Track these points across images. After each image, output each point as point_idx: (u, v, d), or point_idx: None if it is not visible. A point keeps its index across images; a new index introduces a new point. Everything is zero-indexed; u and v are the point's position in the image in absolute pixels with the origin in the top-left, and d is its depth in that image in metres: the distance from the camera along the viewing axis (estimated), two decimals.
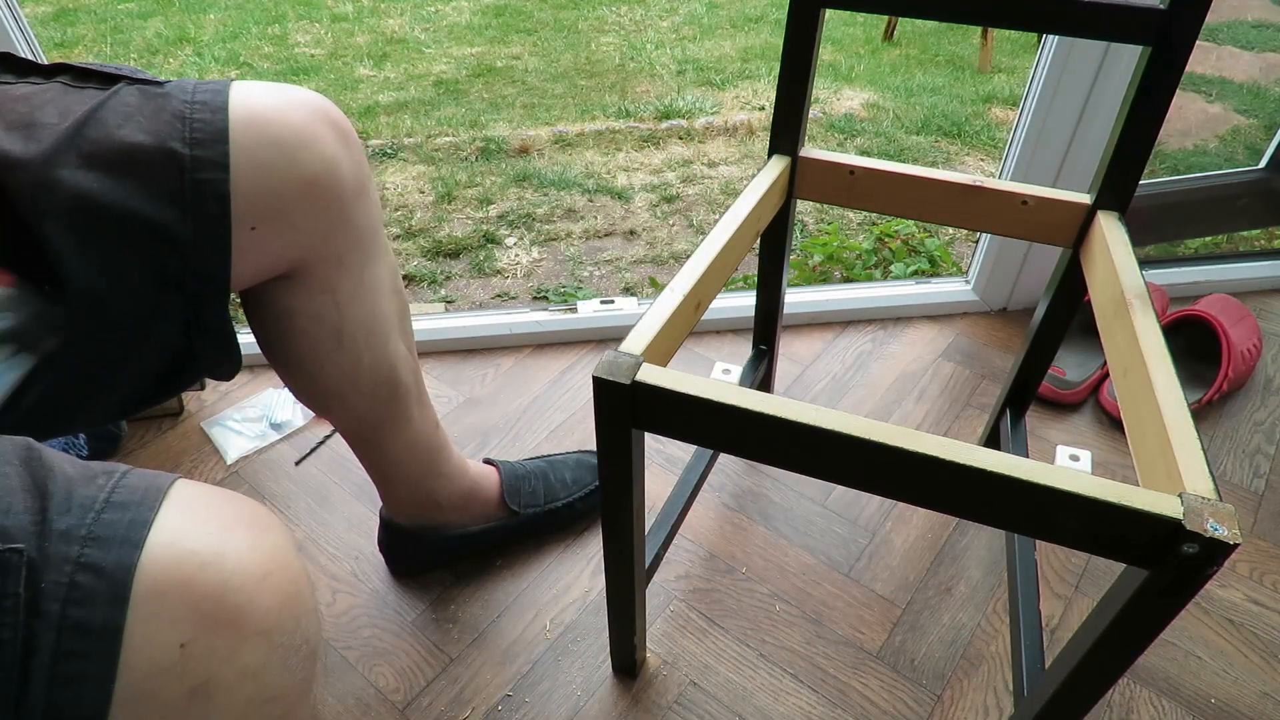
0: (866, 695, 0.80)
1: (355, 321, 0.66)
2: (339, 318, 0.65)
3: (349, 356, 0.67)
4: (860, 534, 0.96)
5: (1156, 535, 0.43)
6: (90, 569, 0.35)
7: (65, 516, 0.36)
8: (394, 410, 0.74)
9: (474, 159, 2.43)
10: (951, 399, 1.14)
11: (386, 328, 0.70)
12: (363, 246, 0.64)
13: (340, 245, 0.62)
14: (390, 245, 0.70)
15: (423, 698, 0.80)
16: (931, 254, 1.68)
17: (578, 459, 0.98)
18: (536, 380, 1.18)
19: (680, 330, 0.62)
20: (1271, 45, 2.11)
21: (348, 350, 0.67)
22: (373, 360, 0.69)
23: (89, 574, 0.35)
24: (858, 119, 2.75)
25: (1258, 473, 1.04)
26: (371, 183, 0.64)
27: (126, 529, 0.36)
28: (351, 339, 0.67)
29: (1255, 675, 0.82)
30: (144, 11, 4.09)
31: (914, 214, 0.80)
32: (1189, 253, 1.53)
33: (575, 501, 0.94)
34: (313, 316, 0.64)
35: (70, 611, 0.34)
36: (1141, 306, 0.59)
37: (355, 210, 0.61)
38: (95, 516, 0.36)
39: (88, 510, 0.37)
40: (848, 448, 0.48)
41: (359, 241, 0.63)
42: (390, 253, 0.70)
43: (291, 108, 0.55)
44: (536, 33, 3.78)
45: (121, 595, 0.35)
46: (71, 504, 0.37)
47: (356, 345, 0.67)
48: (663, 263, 1.88)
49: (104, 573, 0.35)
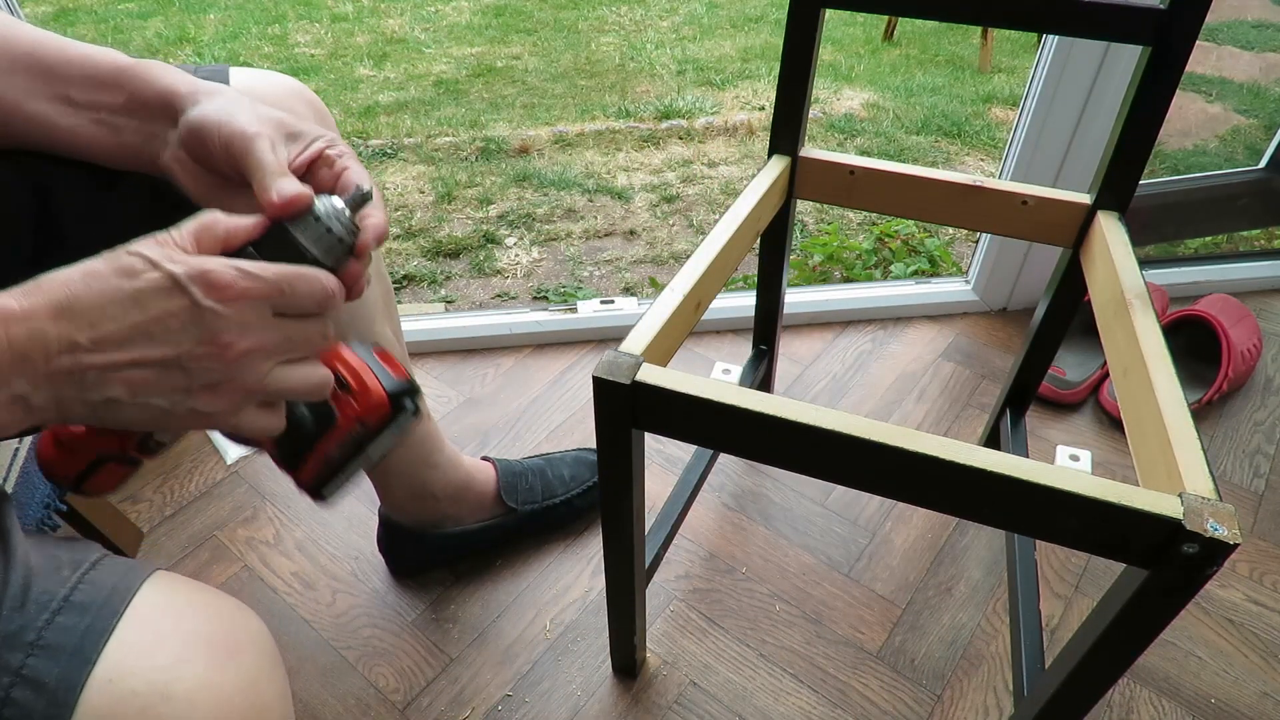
0: (866, 695, 0.80)
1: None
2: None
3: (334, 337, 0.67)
4: (860, 534, 0.96)
5: (1156, 535, 0.43)
6: (31, 683, 0.32)
7: (17, 615, 0.33)
8: None
9: (474, 159, 2.43)
10: (951, 399, 1.14)
11: (371, 310, 0.70)
12: None
13: None
14: None
15: (423, 698, 0.80)
16: (931, 254, 1.68)
17: (575, 456, 0.98)
18: (536, 380, 1.18)
19: (680, 330, 0.62)
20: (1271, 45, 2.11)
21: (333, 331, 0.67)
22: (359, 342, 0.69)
23: (28, 689, 0.32)
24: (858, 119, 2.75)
25: (1258, 473, 1.04)
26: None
27: (80, 638, 0.33)
28: (335, 319, 0.67)
29: (1255, 675, 0.82)
30: (144, 11, 4.09)
31: (914, 214, 0.80)
32: (1189, 253, 1.53)
33: (574, 498, 0.94)
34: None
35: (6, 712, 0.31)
36: (1141, 306, 0.59)
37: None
38: (49, 619, 0.33)
39: (43, 610, 0.34)
40: (848, 448, 0.48)
41: None
42: None
43: (268, 83, 0.57)
44: (536, 33, 3.78)
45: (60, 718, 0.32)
46: (27, 600, 0.34)
47: (340, 326, 0.67)
48: (663, 263, 1.88)
49: (45, 689, 0.32)
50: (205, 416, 0.38)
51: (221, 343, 0.37)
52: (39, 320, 0.34)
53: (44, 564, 0.36)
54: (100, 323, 0.35)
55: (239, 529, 0.96)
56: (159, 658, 0.34)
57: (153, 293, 0.36)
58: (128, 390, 0.36)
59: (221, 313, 0.36)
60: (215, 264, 0.37)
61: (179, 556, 0.93)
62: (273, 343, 0.39)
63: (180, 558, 0.93)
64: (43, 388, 0.34)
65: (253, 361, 0.38)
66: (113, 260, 0.36)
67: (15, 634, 0.33)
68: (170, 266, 0.36)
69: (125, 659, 0.34)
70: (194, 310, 0.36)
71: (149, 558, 0.94)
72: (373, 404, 0.52)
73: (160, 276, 0.36)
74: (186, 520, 0.97)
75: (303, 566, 0.92)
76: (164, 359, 0.36)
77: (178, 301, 0.36)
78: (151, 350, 0.36)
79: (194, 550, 0.94)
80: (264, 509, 0.98)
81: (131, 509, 0.98)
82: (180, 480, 1.02)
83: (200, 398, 0.38)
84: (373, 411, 0.52)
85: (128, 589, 0.36)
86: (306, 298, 0.40)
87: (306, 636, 0.85)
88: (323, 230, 0.42)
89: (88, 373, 0.35)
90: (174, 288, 0.36)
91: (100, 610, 0.35)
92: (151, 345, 0.36)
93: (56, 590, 0.34)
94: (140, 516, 0.97)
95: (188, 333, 0.36)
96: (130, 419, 0.38)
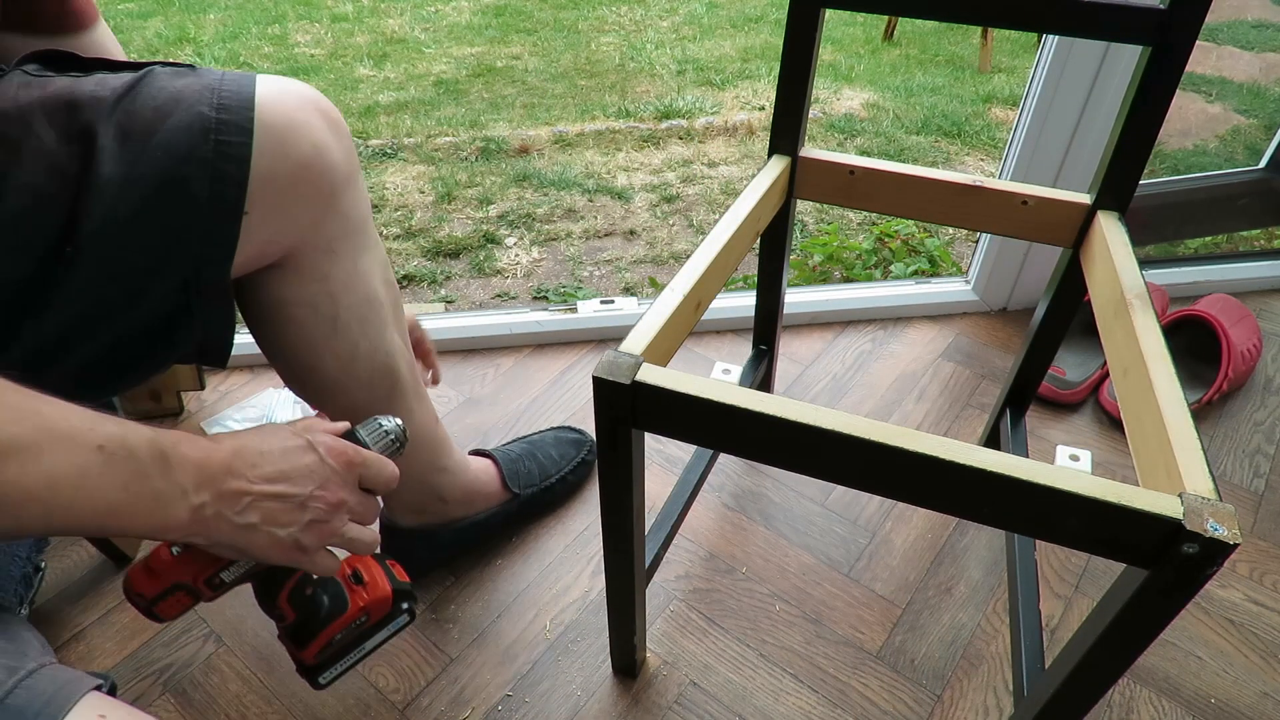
0: (866, 695, 0.80)
1: (349, 310, 0.67)
2: (333, 305, 0.66)
3: (345, 345, 0.68)
4: (860, 534, 0.96)
5: (1157, 535, 0.43)
6: None
7: None
8: (393, 403, 0.74)
9: (474, 159, 2.43)
10: (951, 399, 1.14)
11: (381, 316, 0.70)
12: (353, 235, 0.65)
13: (331, 232, 0.63)
14: (380, 239, 0.71)
15: (423, 698, 0.80)
16: (931, 254, 1.68)
17: (555, 435, 1.01)
18: (536, 380, 1.18)
19: (680, 330, 0.62)
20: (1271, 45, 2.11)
21: (343, 338, 0.67)
22: (369, 349, 0.69)
23: None
24: (858, 119, 2.75)
25: (1258, 473, 1.04)
26: (360, 174, 0.65)
27: None
28: (346, 327, 0.67)
29: (1255, 675, 0.82)
30: (144, 11, 4.09)
31: (914, 214, 0.80)
32: (1189, 253, 1.53)
33: (567, 475, 0.98)
34: (307, 305, 0.65)
35: None
36: (1141, 306, 0.59)
37: (345, 197, 0.62)
38: None
39: None
40: (848, 448, 0.48)
41: (350, 230, 0.64)
42: (381, 246, 0.71)
43: (284, 95, 0.57)
44: (536, 33, 3.79)
45: None
46: None
47: (351, 333, 0.68)
48: (663, 263, 1.88)
49: None
50: (301, 551, 0.52)
51: (329, 492, 0.53)
52: (225, 453, 0.49)
53: None
54: (260, 464, 0.50)
55: None
56: None
57: (297, 450, 0.52)
58: (263, 517, 0.50)
59: (335, 470, 0.53)
60: (332, 439, 0.54)
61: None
62: (354, 502, 0.55)
63: None
64: (213, 504, 0.47)
65: (342, 511, 0.54)
66: (274, 427, 0.54)
67: None
68: (308, 436, 0.54)
69: None
70: (320, 464, 0.53)
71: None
72: (378, 597, 0.63)
73: (303, 443, 0.53)
74: None
75: None
76: (294, 495, 0.51)
77: (311, 458, 0.52)
78: (288, 488, 0.51)
79: None
80: None
81: None
82: None
83: (305, 532, 0.52)
84: (377, 605, 0.63)
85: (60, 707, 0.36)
86: (380, 477, 0.57)
87: None
88: (382, 434, 0.59)
89: (244, 497, 0.49)
90: (310, 449, 0.53)
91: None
92: (289, 485, 0.51)
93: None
94: None
95: (312, 479, 0.52)
96: (256, 544, 0.50)
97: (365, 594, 0.62)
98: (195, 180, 0.52)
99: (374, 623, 0.63)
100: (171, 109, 0.52)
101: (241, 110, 0.54)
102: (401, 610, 0.64)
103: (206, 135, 0.53)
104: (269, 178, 0.55)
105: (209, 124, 0.53)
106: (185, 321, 0.56)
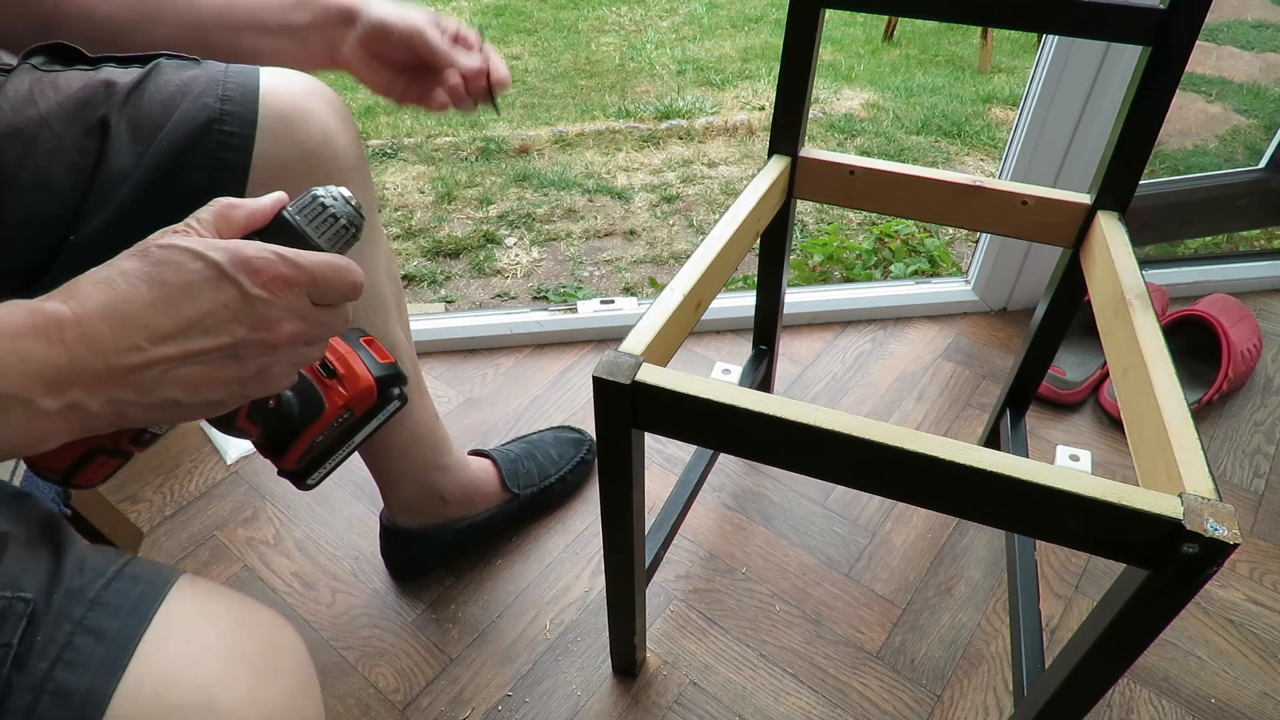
0: (866, 695, 0.80)
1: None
2: None
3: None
4: (860, 534, 0.96)
5: (1156, 535, 0.43)
6: (92, 633, 0.33)
7: (78, 576, 0.34)
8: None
9: (474, 159, 2.43)
10: (951, 399, 1.14)
11: (386, 308, 0.71)
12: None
13: None
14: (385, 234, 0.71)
15: (423, 698, 0.80)
16: (931, 254, 1.68)
17: (554, 435, 1.01)
18: (536, 380, 1.18)
19: (680, 330, 0.62)
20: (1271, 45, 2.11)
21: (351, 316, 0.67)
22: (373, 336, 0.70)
23: (90, 637, 0.32)
24: (858, 119, 2.75)
25: (1258, 473, 1.04)
26: (366, 165, 0.65)
27: (137, 601, 0.34)
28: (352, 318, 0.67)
29: (1255, 675, 0.82)
30: None
31: (914, 214, 0.80)
32: (1189, 253, 1.53)
33: (566, 475, 0.98)
34: None
35: (58, 674, 0.31)
36: (1141, 306, 0.59)
37: (352, 185, 0.63)
38: (106, 583, 0.34)
39: (100, 574, 0.35)
40: (848, 448, 0.48)
41: None
42: (386, 240, 0.71)
43: (291, 85, 0.58)
44: (536, 33, 3.78)
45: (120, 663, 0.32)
46: (85, 566, 0.35)
47: (356, 323, 0.68)
48: (663, 263, 1.88)
49: (105, 638, 0.33)
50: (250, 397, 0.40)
51: (271, 329, 0.38)
52: (92, 324, 0.33)
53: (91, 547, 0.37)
54: (154, 321, 0.35)
55: (239, 529, 0.96)
56: (205, 666, 0.34)
57: (201, 284, 0.35)
58: (187, 389, 0.36)
59: (269, 300, 0.37)
60: (254, 250, 0.37)
61: (179, 557, 0.93)
62: (306, 328, 0.40)
63: (180, 558, 0.93)
64: (100, 394, 0.34)
65: (295, 347, 0.39)
66: (146, 256, 0.35)
67: (79, 590, 0.33)
68: (213, 255, 0.36)
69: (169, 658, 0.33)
70: (243, 298, 0.36)
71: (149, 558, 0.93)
72: (360, 391, 0.52)
73: (204, 267, 0.35)
74: (186, 520, 0.97)
75: (303, 566, 0.92)
76: (218, 349, 0.36)
77: (227, 291, 0.36)
78: (206, 342, 0.36)
79: (194, 550, 0.94)
80: (264, 509, 0.98)
81: (131, 509, 0.98)
82: (180, 480, 1.02)
83: (251, 385, 0.39)
84: (360, 398, 0.52)
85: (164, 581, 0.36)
86: (337, 288, 0.40)
87: (306, 636, 0.85)
88: (327, 217, 0.42)
89: (146, 372, 0.35)
90: (221, 277, 0.36)
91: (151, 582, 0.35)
92: (206, 337, 0.36)
93: (108, 566, 0.35)
94: (140, 517, 0.97)
95: (239, 321, 0.36)
96: (189, 417, 0.38)
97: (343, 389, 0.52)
98: (197, 170, 0.53)
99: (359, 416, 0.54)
100: (178, 101, 0.53)
101: (246, 101, 0.54)
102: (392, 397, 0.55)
103: (210, 126, 0.53)
104: (278, 164, 0.56)
105: (213, 114, 0.53)
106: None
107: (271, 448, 0.51)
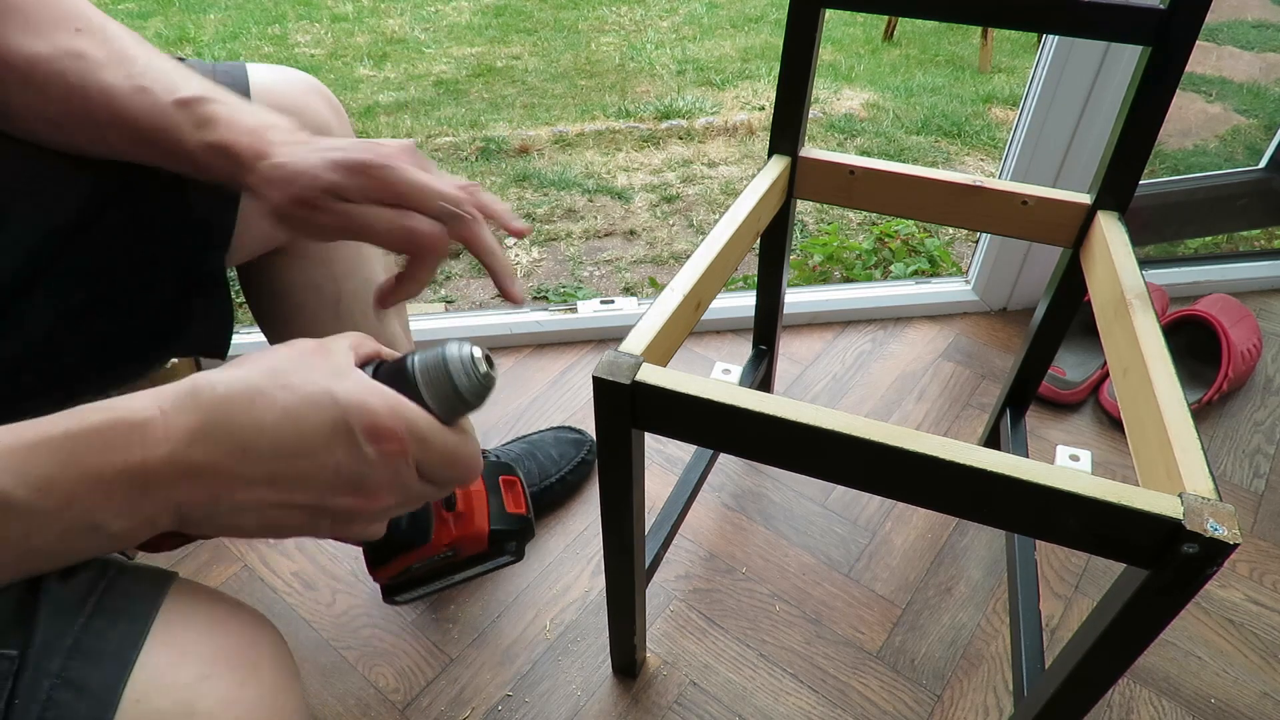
0: (866, 695, 0.80)
1: (352, 294, 0.67)
2: (336, 289, 0.66)
3: (347, 327, 0.68)
4: (860, 534, 0.96)
5: (1156, 535, 0.43)
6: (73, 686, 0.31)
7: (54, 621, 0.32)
8: None
9: (474, 159, 2.43)
10: (951, 399, 1.14)
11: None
12: None
13: None
14: None
15: (423, 698, 0.80)
16: (931, 254, 1.68)
17: (554, 435, 1.01)
18: (536, 380, 1.18)
19: (680, 330, 0.62)
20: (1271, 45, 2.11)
21: (345, 321, 0.68)
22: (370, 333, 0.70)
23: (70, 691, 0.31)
24: (858, 119, 2.75)
25: (1258, 473, 1.04)
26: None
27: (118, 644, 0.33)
28: (349, 310, 0.68)
29: (1255, 675, 0.82)
30: (144, 11, 4.09)
31: (914, 214, 0.80)
32: (1189, 253, 1.53)
33: (566, 475, 0.97)
34: (311, 288, 0.65)
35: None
36: (1141, 306, 0.59)
37: None
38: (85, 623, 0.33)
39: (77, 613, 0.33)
40: (848, 448, 0.48)
41: None
42: None
43: (284, 80, 0.58)
44: (536, 33, 3.78)
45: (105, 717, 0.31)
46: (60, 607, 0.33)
47: (354, 316, 0.68)
48: (663, 263, 1.88)
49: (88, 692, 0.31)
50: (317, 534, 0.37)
51: (368, 497, 0.35)
52: (180, 445, 0.32)
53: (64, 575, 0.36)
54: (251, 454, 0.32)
55: None
56: (185, 670, 0.34)
57: (317, 434, 0.33)
58: (259, 523, 0.35)
59: (378, 465, 0.34)
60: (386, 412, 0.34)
61: (179, 556, 0.93)
62: (407, 500, 0.37)
63: (180, 557, 0.93)
64: (172, 513, 0.33)
65: (378, 516, 0.37)
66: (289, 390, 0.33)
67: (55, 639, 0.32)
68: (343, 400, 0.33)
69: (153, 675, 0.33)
70: (355, 460, 0.33)
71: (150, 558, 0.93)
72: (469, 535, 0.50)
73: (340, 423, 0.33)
74: None
75: (303, 566, 0.92)
76: (308, 506, 0.34)
77: (341, 451, 0.33)
78: (298, 496, 0.34)
79: (194, 550, 0.94)
80: None
81: None
82: None
83: (325, 532, 0.37)
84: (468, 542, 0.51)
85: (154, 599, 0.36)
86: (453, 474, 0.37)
87: (306, 636, 0.85)
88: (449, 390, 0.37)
89: (222, 504, 0.33)
90: (340, 433, 0.33)
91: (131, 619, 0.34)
92: (301, 490, 0.34)
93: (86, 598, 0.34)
94: None
95: (338, 484, 0.34)
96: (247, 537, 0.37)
97: (454, 528, 0.50)
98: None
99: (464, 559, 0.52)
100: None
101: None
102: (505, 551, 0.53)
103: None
104: None
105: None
106: (183, 311, 0.56)
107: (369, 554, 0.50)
